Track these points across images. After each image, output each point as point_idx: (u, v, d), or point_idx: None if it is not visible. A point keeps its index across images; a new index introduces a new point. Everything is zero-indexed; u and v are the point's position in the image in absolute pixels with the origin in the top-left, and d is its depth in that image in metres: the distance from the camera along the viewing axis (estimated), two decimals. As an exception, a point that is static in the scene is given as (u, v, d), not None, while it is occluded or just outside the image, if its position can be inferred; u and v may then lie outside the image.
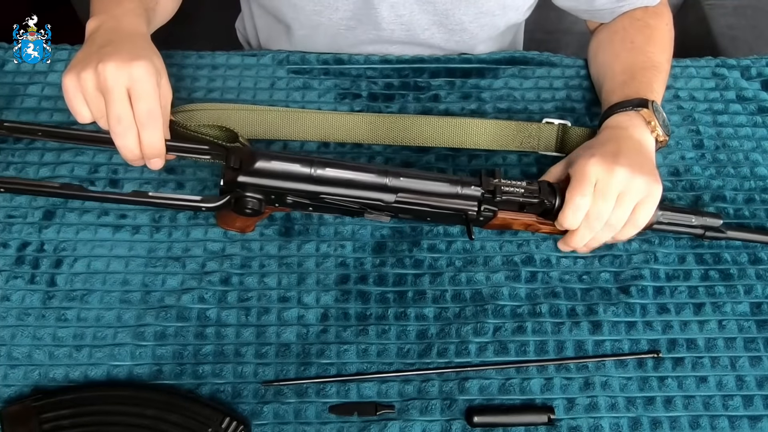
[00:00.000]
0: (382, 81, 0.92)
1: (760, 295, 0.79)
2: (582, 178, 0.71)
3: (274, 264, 0.78)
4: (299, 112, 0.86)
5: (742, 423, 0.71)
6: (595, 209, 0.71)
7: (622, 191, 0.71)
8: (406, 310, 0.76)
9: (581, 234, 0.73)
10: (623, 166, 0.71)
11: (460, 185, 0.71)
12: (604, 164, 0.71)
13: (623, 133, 0.77)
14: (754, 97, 0.94)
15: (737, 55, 1.00)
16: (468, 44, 0.96)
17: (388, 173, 0.70)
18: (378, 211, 0.72)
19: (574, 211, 0.71)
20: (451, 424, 0.70)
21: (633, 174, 0.71)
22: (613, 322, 0.77)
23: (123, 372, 0.72)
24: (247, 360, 0.73)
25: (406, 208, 0.71)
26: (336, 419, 0.70)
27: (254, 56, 0.94)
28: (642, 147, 0.76)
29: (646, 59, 0.85)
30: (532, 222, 0.74)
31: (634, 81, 0.82)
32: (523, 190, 0.72)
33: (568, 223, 0.72)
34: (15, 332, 0.73)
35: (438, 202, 0.71)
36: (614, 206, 0.71)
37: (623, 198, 0.71)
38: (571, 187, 0.72)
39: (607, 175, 0.71)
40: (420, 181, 0.71)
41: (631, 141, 0.76)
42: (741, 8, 1.37)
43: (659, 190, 0.73)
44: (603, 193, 0.71)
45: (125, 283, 0.76)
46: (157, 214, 0.80)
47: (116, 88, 0.66)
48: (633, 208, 0.72)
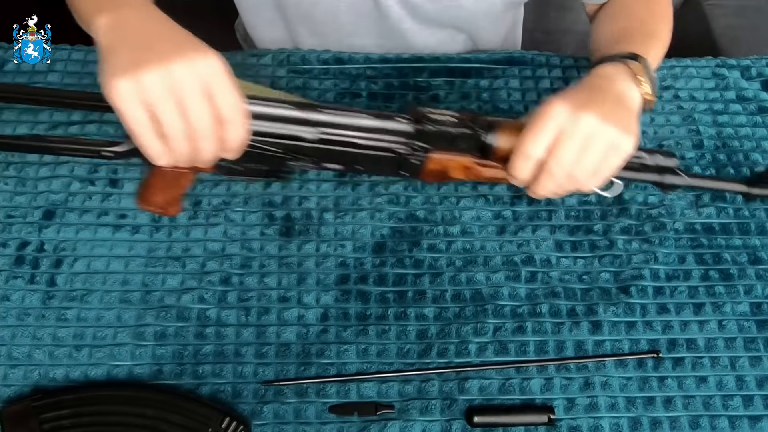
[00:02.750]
0: (382, 81, 0.92)
1: (760, 295, 0.79)
2: (538, 122, 0.65)
3: (274, 264, 0.78)
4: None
5: (742, 423, 0.71)
6: (555, 158, 0.65)
7: (587, 140, 0.65)
8: (406, 310, 0.76)
9: (542, 183, 0.67)
10: (592, 112, 0.64)
11: (386, 118, 0.66)
12: (570, 108, 0.64)
13: (604, 82, 0.70)
14: (754, 97, 0.94)
15: (737, 55, 1.00)
16: (465, 22, 0.95)
17: (309, 106, 0.66)
18: (302, 155, 0.66)
19: (523, 159, 0.66)
20: (451, 424, 0.70)
21: (601, 122, 0.64)
22: (613, 322, 0.77)
23: (123, 372, 0.72)
24: (247, 360, 0.73)
25: (331, 149, 0.66)
26: (336, 419, 0.70)
27: (254, 56, 0.94)
28: (622, 99, 0.69)
29: (643, 27, 0.81)
30: (470, 164, 0.69)
31: (629, 42, 0.77)
32: (454, 119, 0.66)
33: (516, 171, 0.66)
34: (15, 332, 0.73)
35: (365, 140, 0.67)
36: (577, 156, 0.65)
37: (587, 148, 0.65)
38: (523, 132, 0.65)
39: (571, 120, 0.64)
40: (343, 114, 0.67)
41: (610, 91, 0.69)
42: (741, 8, 1.36)
43: (629, 143, 0.66)
44: (565, 141, 0.64)
45: (125, 283, 0.76)
46: (157, 214, 0.80)
47: (192, 89, 0.58)
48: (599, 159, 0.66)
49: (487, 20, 0.99)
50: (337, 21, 0.95)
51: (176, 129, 0.59)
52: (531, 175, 0.67)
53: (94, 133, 0.84)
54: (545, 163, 0.66)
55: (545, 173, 0.66)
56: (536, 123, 0.65)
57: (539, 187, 0.68)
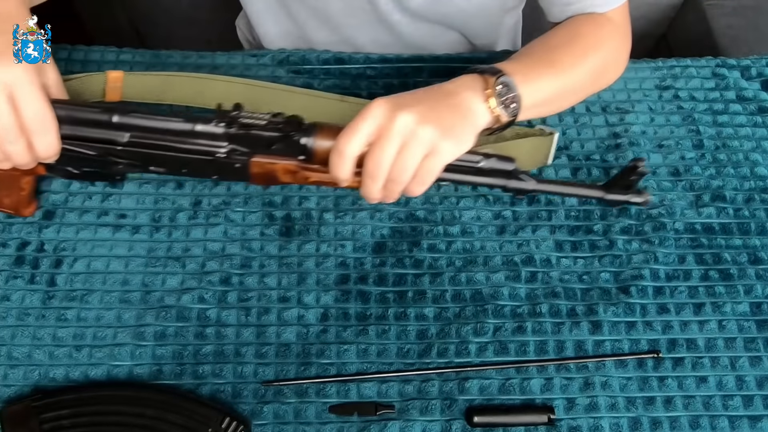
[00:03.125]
0: (382, 81, 0.92)
1: (760, 295, 0.79)
2: (356, 120, 0.64)
3: (274, 264, 0.78)
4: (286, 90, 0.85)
5: (742, 423, 0.71)
6: (371, 158, 0.64)
7: (405, 141, 0.63)
8: (406, 310, 0.76)
9: (365, 184, 0.66)
10: (413, 112, 0.63)
11: (198, 122, 0.66)
12: (390, 107, 0.63)
13: (447, 88, 0.69)
14: (754, 97, 0.94)
15: (737, 55, 1.00)
16: (457, 19, 0.95)
17: (116, 110, 0.66)
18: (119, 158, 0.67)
19: (337, 156, 0.64)
20: (451, 424, 0.70)
21: (420, 123, 0.63)
22: (613, 322, 0.77)
23: (123, 372, 0.72)
24: (247, 360, 0.73)
25: (147, 152, 0.67)
26: (336, 419, 0.70)
27: (254, 56, 0.94)
28: (459, 107, 0.67)
29: (554, 55, 0.78)
30: (295, 168, 0.68)
31: (521, 59, 0.76)
32: (266, 122, 0.66)
33: (333, 169, 0.65)
34: (15, 332, 0.73)
35: (178, 142, 0.67)
36: (394, 157, 0.64)
37: (405, 149, 0.63)
38: (344, 130, 0.65)
39: (388, 119, 0.63)
40: (152, 118, 0.67)
41: (449, 98, 0.68)
42: (741, 8, 1.36)
43: (449, 147, 0.65)
44: (380, 141, 0.63)
45: (125, 283, 0.76)
46: (157, 214, 0.80)
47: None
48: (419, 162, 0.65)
49: (481, 21, 0.99)
50: (330, 10, 0.95)
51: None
52: (349, 175, 0.66)
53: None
54: (364, 164, 0.65)
55: (364, 173, 0.65)
56: (354, 121, 0.64)
57: (363, 189, 0.67)
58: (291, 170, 0.69)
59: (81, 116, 0.67)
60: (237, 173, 0.69)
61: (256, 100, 0.84)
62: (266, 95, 0.86)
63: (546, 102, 0.77)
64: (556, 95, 0.78)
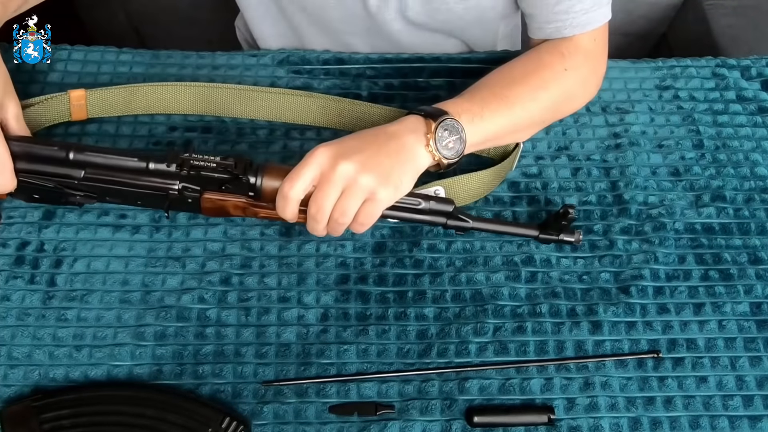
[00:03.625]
0: (382, 81, 0.92)
1: (760, 295, 0.79)
2: (299, 166, 0.68)
3: (274, 264, 0.78)
4: (249, 90, 0.87)
5: (742, 423, 0.71)
6: (314, 202, 0.68)
7: (345, 187, 0.68)
8: (406, 310, 0.76)
9: (309, 223, 0.70)
10: (353, 161, 0.68)
11: (151, 161, 0.70)
12: (331, 155, 0.68)
13: (390, 130, 0.73)
14: (754, 97, 0.94)
15: (737, 55, 1.00)
16: (457, 27, 0.94)
17: (72, 147, 0.71)
18: (75, 190, 0.72)
19: (282, 200, 0.69)
20: (451, 424, 0.70)
21: (359, 171, 0.68)
22: (613, 322, 0.77)
23: (123, 372, 0.72)
24: (247, 360, 0.73)
25: (103, 186, 0.71)
26: (336, 419, 0.70)
27: (254, 56, 0.94)
28: (400, 152, 0.71)
29: (509, 90, 0.79)
30: (244, 204, 0.72)
31: (473, 95, 0.78)
32: (215, 164, 0.70)
33: (279, 211, 0.70)
34: (15, 332, 0.73)
35: (132, 179, 0.71)
36: (335, 202, 0.68)
37: (345, 195, 0.68)
38: (287, 175, 0.69)
39: (330, 167, 0.67)
40: (107, 156, 0.71)
41: (391, 141, 0.71)
42: (741, 8, 1.36)
43: (388, 194, 0.69)
44: (322, 186, 0.68)
45: (125, 283, 0.76)
46: (157, 214, 0.80)
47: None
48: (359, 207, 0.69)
49: (479, 28, 0.99)
50: (327, 17, 0.95)
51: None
52: (294, 215, 0.70)
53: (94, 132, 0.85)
54: (308, 206, 0.69)
55: (308, 215, 0.70)
56: (298, 167, 0.69)
57: (309, 227, 0.71)
58: (240, 206, 0.73)
59: (38, 153, 0.71)
60: (189, 206, 0.73)
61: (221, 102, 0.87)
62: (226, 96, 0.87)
63: (496, 137, 0.79)
64: (509, 130, 0.80)
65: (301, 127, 0.88)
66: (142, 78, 0.90)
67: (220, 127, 0.87)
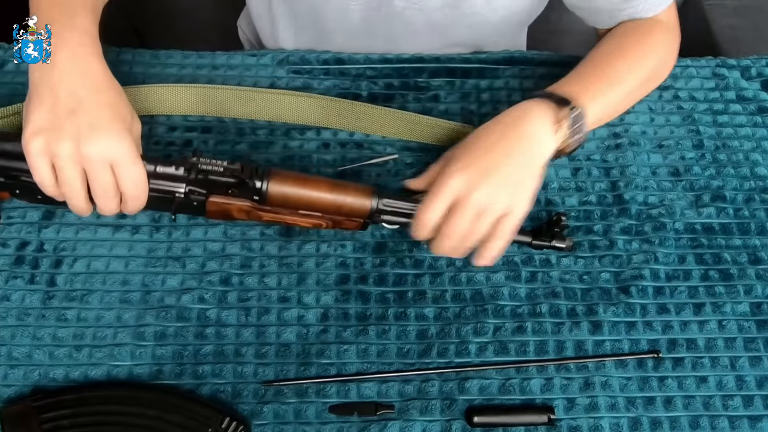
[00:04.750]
0: (382, 81, 0.92)
1: (760, 295, 0.79)
2: (437, 192, 0.70)
3: (274, 264, 0.78)
4: (249, 91, 0.87)
5: (742, 423, 0.71)
6: (449, 225, 0.70)
7: (480, 211, 0.70)
8: (406, 310, 0.76)
9: (438, 244, 0.72)
10: (489, 184, 0.69)
11: (159, 164, 0.70)
12: (468, 180, 0.69)
13: (515, 127, 0.73)
14: (754, 97, 0.94)
15: (737, 55, 1.00)
16: (480, 31, 0.95)
17: None
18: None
19: (419, 224, 0.71)
20: (451, 424, 0.70)
21: (495, 194, 0.69)
22: (613, 322, 0.77)
23: (123, 372, 0.72)
24: (247, 360, 0.73)
25: None
26: (336, 419, 0.70)
27: (254, 56, 0.94)
28: (530, 150, 0.73)
29: (611, 68, 0.82)
30: (249, 208, 0.73)
31: (581, 77, 0.80)
32: (223, 169, 0.71)
33: (416, 233, 0.72)
34: (15, 332, 0.73)
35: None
36: (470, 225, 0.70)
37: (480, 218, 0.70)
38: (425, 199, 0.71)
39: (465, 195, 0.69)
40: None
41: (523, 141, 0.73)
42: (741, 8, 1.36)
43: (521, 210, 0.71)
44: (461, 211, 0.69)
45: (125, 283, 0.76)
46: (157, 214, 0.80)
47: (101, 165, 0.65)
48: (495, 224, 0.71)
49: (498, 36, 0.99)
50: (345, 22, 0.94)
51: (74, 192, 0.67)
52: (431, 236, 0.72)
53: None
54: (441, 227, 0.71)
55: (440, 233, 0.71)
56: (434, 195, 0.70)
57: (435, 247, 0.72)
58: (245, 210, 0.73)
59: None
60: (194, 210, 0.73)
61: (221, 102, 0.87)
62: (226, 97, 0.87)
63: (604, 118, 0.81)
64: (614, 109, 0.83)
65: (301, 127, 0.88)
66: (142, 78, 0.90)
67: (220, 127, 0.87)
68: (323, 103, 0.87)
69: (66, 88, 0.66)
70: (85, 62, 0.68)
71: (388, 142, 0.88)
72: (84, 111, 0.65)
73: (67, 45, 0.67)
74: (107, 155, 0.65)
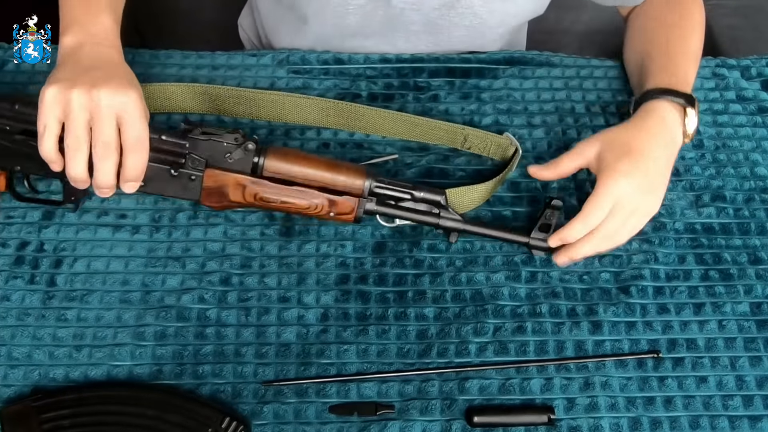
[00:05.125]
0: (382, 81, 0.92)
1: (760, 295, 0.79)
2: (604, 194, 0.74)
3: (274, 264, 0.78)
4: (251, 92, 0.87)
5: (742, 423, 0.71)
6: (606, 227, 0.74)
7: (631, 212, 0.75)
8: (406, 310, 0.76)
9: (583, 248, 0.76)
10: (645, 191, 0.75)
11: (164, 134, 0.72)
12: (632, 185, 0.74)
13: (663, 133, 0.78)
14: (754, 97, 0.94)
15: (737, 55, 1.00)
16: (476, 32, 0.95)
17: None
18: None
19: (582, 225, 0.74)
20: (451, 424, 0.70)
21: (647, 198, 0.75)
22: (613, 322, 0.77)
23: (123, 372, 0.72)
24: (247, 360, 0.73)
25: None
26: (336, 419, 0.70)
27: (254, 56, 0.94)
28: (670, 156, 0.79)
29: (682, 42, 0.86)
30: (245, 182, 0.74)
31: (676, 67, 0.84)
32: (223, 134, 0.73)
33: (572, 233, 0.75)
34: (15, 332, 0.73)
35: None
36: (620, 225, 0.75)
37: (630, 218, 0.75)
38: (591, 203, 0.74)
39: (630, 197, 0.74)
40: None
41: (665, 148, 0.78)
42: (741, 8, 1.36)
43: (656, 209, 0.77)
44: (618, 213, 0.74)
45: (125, 283, 0.76)
46: (157, 214, 0.80)
47: (108, 113, 0.67)
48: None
49: (497, 37, 0.99)
50: (344, 24, 0.94)
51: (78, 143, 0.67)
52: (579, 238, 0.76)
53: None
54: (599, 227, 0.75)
55: (597, 236, 0.75)
56: (601, 195, 0.74)
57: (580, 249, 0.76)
58: (242, 184, 0.74)
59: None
60: (191, 191, 0.74)
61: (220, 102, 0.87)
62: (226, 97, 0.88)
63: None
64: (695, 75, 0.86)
65: (301, 126, 0.88)
66: (142, 78, 0.90)
67: (220, 127, 0.87)
68: (323, 104, 0.87)
69: (88, 59, 0.71)
70: (110, 53, 0.73)
71: (388, 142, 0.88)
72: (100, 69, 0.69)
73: (93, 39, 0.73)
74: (116, 104, 0.67)
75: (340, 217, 0.76)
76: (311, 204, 0.75)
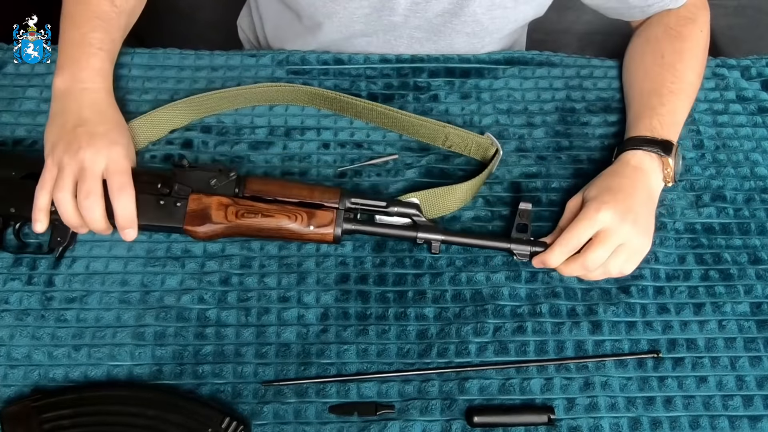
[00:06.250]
0: (381, 81, 0.92)
1: (760, 295, 0.79)
2: (587, 218, 0.74)
3: (274, 264, 0.78)
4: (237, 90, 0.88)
5: (742, 423, 0.71)
6: (594, 255, 0.73)
7: (621, 245, 0.74)
8: (406, 310, 0.76)
9: (572, 268, 0.75)
10: (631, 223, 0.74)
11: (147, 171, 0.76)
12: (616, 216, 0.74)
13: (640, 179, 0.79)
14: (754, 97, 0.94)
15: (737, 55, 1.00)
16: (477, 37, 0.95)
17: None
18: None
19: (562, 249, 0.74)
20: (451, 424, 0.70)
21: (635, 232, 0.74)
22: (613, 322, 0.77)
23: (123, 372, 0.72)
24: (247, 360, 0.73)
25: None
26: (336, 419, 0.70)
27: (254, 56, 0.94)
28: (651, 199, 0.79)
29: (675, 79, 0.86)
30: (228, 202, 0.75)
31: (662, 107, 0.83)
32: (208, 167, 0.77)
33: (551, 257, 0.75)
34: (14, 332, 0.73)
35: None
36: (607, 257, 0.74)
37: (619, 251, 0.74)
38: (570, 227, 0.74)
39: (615, 227, 0.73)
40: None
41: (644, 191, 0.78)
42: (741, 8, 1.36)
43: (648, 248, 0.76)
44: (604, 242, 0.73)
45: (124, 284, 0.76)
46: (157, 214, 0.80)
47: (92, 169, 0.72)
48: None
49: (498, 41, 0.99)
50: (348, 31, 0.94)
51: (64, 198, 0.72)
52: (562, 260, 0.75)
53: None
54: (580, 254, 0.74)
55: (576, 261, 0.75)
56: (584, 219, 0.74)
57: (569, 268, 0.76)
58: (224, 204, 0.75)
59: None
60: (175, 216, 0.75)
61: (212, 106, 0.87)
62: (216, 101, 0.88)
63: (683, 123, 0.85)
64: (688, 113, 0.87)
65: (301, 127, 0.88)
66: (142, 80, 0.90)
67: (220, 127, 0.87)
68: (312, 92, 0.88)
69: (74, 111, 0.75)
70: (95, 95, 0.78)
71: (388, 142, 0.88)
72: (85, 124, 0.74)
73: (82, 83, 0.77)
74: (98, 162, 0.72)
75: (320, 231, 0.75)
76: (291, 215, 0.75)
